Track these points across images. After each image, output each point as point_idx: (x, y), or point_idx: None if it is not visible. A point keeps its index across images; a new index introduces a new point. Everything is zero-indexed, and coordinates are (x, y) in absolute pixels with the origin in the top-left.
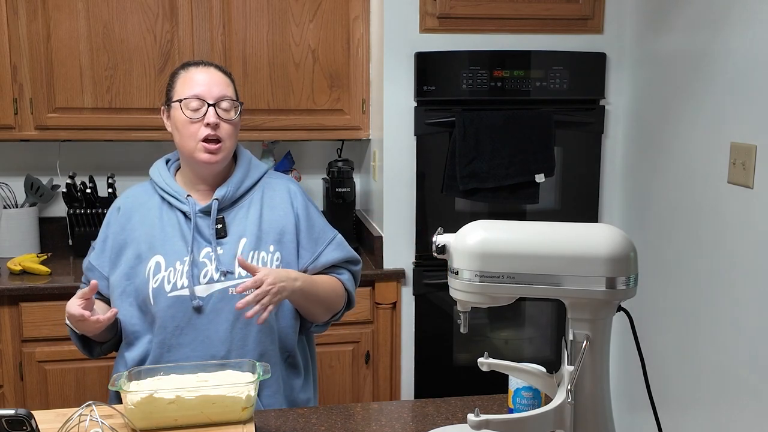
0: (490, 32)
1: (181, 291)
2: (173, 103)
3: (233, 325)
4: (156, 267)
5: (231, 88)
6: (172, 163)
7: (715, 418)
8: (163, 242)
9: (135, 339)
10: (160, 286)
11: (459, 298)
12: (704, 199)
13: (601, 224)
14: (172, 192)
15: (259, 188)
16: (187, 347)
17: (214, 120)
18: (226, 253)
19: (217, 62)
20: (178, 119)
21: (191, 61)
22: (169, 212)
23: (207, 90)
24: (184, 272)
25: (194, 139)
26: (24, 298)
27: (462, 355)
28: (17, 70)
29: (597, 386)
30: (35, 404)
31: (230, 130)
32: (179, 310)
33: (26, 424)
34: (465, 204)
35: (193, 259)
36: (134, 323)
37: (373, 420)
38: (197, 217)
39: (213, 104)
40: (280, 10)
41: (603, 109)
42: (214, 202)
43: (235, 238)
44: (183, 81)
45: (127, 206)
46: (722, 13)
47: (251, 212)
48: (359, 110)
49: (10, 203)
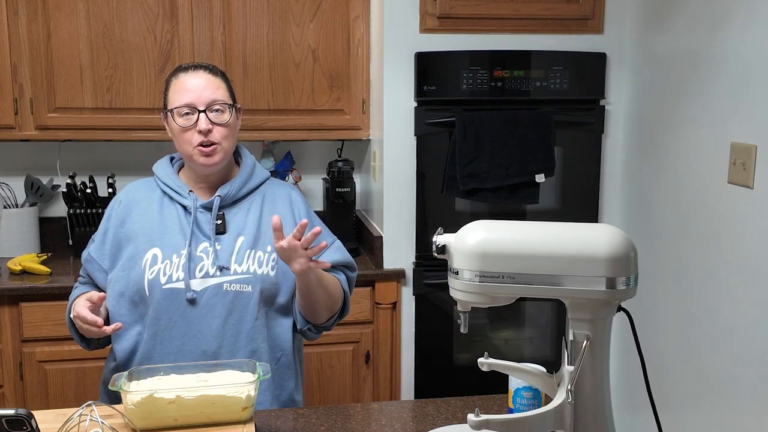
0: (490, 32)
1: (176, 284)
2: (167, 112)
3: (225, 321)
4: (153, 259)
5: (222, 89)
6: (176, 161)
7: (715, 418)
8: (161, 235)
9: (123, 331)
10: (155, 277)
11: (459, 298)
12: (704, 199)
13: (601, 224)
14: (174, 187)
15: (260, 192)
16: (179, 340)
17: (206, 127)
18: (224, 249)
19: (217, 62)
20: (173, 127)
21: (182, 65)
22: (169, 206)
23: (196, 96)
24: (180, 265)
25: (190, 144)
26: (24, 298)
27: (462, 355)
28: (17, 70)
29: (597, 386)
30: (35, 404)
31: (224, 132)
32: (173, 302)
33: (26, 424)
34: (465, 204)
35: (191, 252)
36: (122, 314)
37: (373, 420)
38: (197, 212)
39: (204, 110)
40: (280, 10)
41: (603, 109)
42: (217, 198)
43: (233, 235)
44: (174, 89)
45: (128, 199)
46: (722, 13)
47: (251, 213)
48: (359, 110)
49: (11, 203)
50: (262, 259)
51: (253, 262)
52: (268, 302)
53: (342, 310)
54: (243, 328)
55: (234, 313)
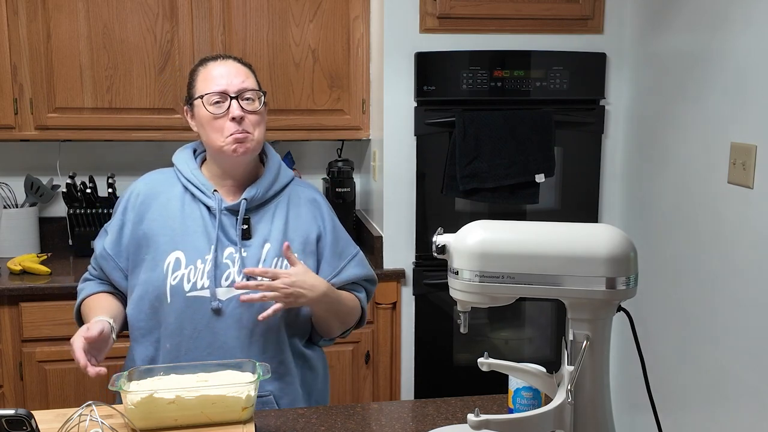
0: (490, 32)
1: (201, 291)
2: (195, 101)
3: (252, 332)
4: (176, 263)
5: (252, 78)
6: (198, 153)
7: (715, 418)
8: (184, 237)
9: (141, 336)
10: (179, 284)
11: (459, 298)
12: (704, 199)
13: (601, 224)
14: (198, 184)
15: (285, 194)
16: (204, 351)
17: (239, 113)
18: (250, 256)
19: None
20: (203, 116)
21: (209, 56)
22: (191, 204)
23: (228, 83)
24: (205, 272)
25: (221, 134)
26: (24, 298)
27: (462, 355)
28: (17, 70)
29: (597, 386)
30: (35, 404)
31: (256, 120)
32: (197, 311)
33: (26, 424)
34: (465, 204)
35: (216, 258)
36: (141, 318)
37: (373, 420)
38: (222, 215)
39: (235, 96)
40: (280, 10)
41: (603, 109)
42: (243, 201)
43: (259, 241)
44: (203, 77)
45: (146, 192)
46: (722, 13)
47: (277, 218)
48: (359, 110)
49: (10, 203)
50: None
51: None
52: (296, 312)
53: (357, 322)
54: (270, 339)
55: (261, 324)
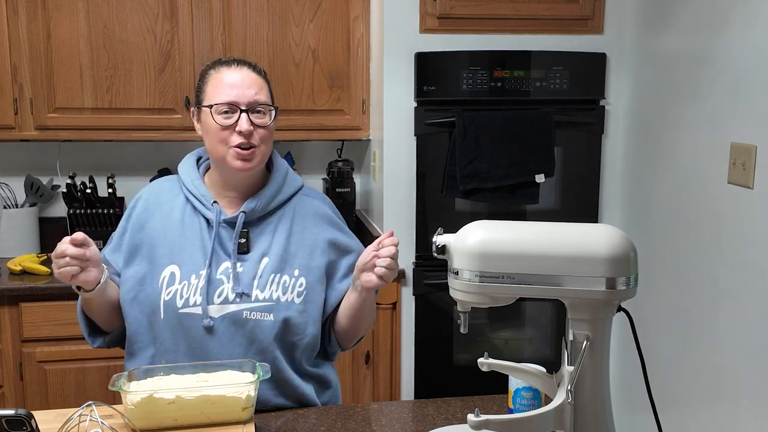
0: (490, 32)
1: (192, 308)
2: (204, 108)
3: (246, 352)
4: (170, 278)
5: (265, 90)
6: (202, 161)
7: (715, 418)
8: (181, 250)
9: (138, 350)
10: (171, 299)
11: (459, 299)
12: (704, 199)
13: (601, 224)
14: (198, 195)
15: (291, 206)
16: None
17: (248, 128)
18: (246, 272)
19: None
20: (209, 125)
21: (223, 58)
22: (192, 216)
23: (239, 94)
24: (198, 288)
25: (226, 145)
26: (24, 298)
27: (462, 355)
28: (17, 70)
29: (597, 386)
30: (35, 404)
31: (264, 135)
32: (190, 329)
33: (26, 424)
34: (465, 204)
35: (210, 274)
36: (140, 332)
37: (373, 420)
38: (220, 227)
39: (246, 110)
40: (280, 10)
41: (603, 109)
42: (241, 214)
43: (257, 256)
44: (214, 83)
45: (150, 200)
46: (722, 13)
47: (279, 232)
48: (359, 110)
49: (10, 203)
50: (287, 284)
51: (277, 288)
52: (294, 332)
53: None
54: (266, 360)
55: (255, 343)
